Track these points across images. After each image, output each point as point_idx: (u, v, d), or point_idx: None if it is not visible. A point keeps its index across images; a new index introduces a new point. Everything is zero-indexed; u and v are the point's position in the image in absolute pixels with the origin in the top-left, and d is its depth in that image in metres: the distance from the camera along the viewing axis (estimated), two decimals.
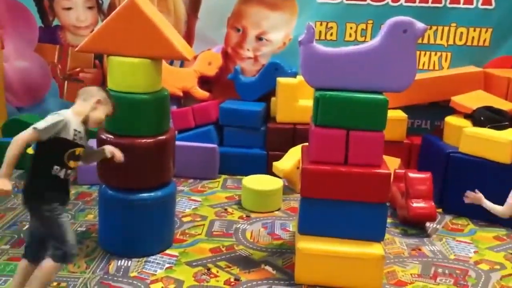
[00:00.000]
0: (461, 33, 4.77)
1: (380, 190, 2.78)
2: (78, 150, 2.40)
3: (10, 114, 5.16)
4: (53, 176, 2.35)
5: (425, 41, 4.81)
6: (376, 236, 2.85)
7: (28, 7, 5.07)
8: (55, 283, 2.75)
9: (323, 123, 2.80)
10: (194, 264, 3.04)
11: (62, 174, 2.37)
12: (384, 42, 2.72)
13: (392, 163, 4.14)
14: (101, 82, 5.20)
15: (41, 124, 2.26)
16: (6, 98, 5.24)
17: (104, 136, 3.02)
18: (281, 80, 4.60)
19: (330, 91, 2.77)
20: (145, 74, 2.94)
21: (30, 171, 2.41)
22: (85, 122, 2.43)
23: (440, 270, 3.10)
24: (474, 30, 4.75)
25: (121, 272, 2.90)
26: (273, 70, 4.74)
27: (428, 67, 4.88)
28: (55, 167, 2.34)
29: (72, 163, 2.39)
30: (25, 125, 5.03)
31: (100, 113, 2.47)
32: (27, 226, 2.62)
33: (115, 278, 2.84)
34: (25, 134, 2.24)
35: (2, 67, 5.15)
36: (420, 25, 2.71)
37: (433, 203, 3.58)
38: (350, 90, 2.76)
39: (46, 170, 2.35)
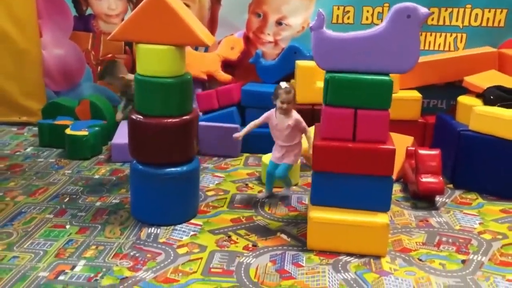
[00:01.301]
0: (476, 14, 4.86)
1: (386, 164, 3.00)
2: None
3: (49, 98, 5.57)
4: None
5: (441, 22, 4.92)
6: (382, 206, 3.08)
7: None
8: (93, 246, 3.11)
9: (332, 103, 3.03)
10: (216, 232, 3.34)
11: None
12: (389, 27, 2.91)
13: (405, 141, 4.33)
14: (131, 67, 5.54)
15: None
16: (45, 83, 5.65)
17: (134, 116, 3.33)
18: (300, 63, 4.82)
19: (339, 73, 3.00)
20: (170, 59, 3.22)
21: None
22: None
23: (444, 239, 3.31)
24: (489, 11, 4.83)
25: (151, 238, 3.24)
26: (292, 54, 4.95)
27: (444, 48, 5.00)
28: None
29: None
30: (62, 108, 5.45)
31: None
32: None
33: (146, 243, 3.17)
34: None
35: (41, 54, 5.56)
36: (423, 10, 2.88)
37: (441, 178, 3.77)
38: (357, 72, 2.98)
39: None
